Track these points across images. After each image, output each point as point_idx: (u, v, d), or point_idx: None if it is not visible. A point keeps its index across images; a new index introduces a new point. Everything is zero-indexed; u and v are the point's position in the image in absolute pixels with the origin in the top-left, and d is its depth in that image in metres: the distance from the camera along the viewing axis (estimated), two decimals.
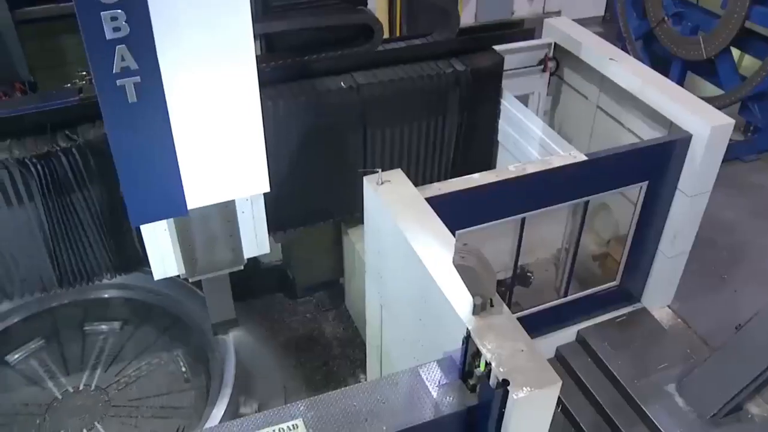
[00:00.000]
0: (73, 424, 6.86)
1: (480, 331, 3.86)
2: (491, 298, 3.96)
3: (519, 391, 3.54)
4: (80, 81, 6.13)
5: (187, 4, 4.18)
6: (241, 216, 5.35)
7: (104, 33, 4.02)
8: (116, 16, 3.99)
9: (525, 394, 3.54)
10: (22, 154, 5.60)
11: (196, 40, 4.30)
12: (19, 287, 6.26)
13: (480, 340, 3.80)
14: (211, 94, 4.49)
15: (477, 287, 3.86)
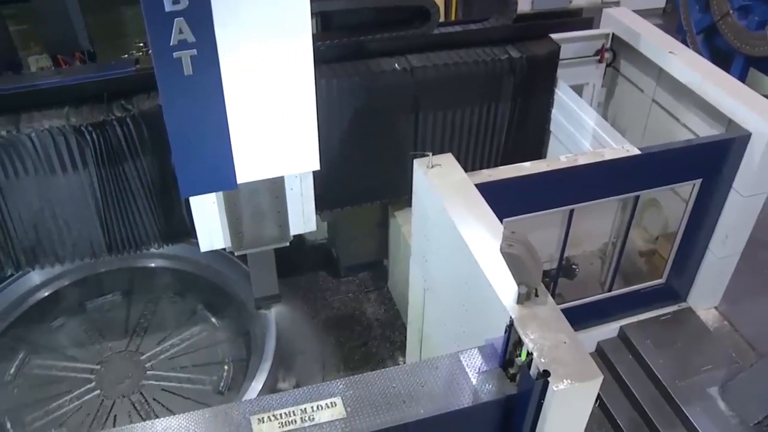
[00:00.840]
0: (116, 387, 7.03)
1: (523, 320, 3.83)
2: (536, 288, 3.93)
3: (559, 383, 3.51)
4: (137, 52, 6.22)
5: None
6: (290, 193, 5.38)
7: (163, 5, 4.05)
8: None
9: (565, 387, 3.51)
10: (78, 122, 5.70)
11: (253, 14, 4.31)
12: (71, 252, 6.39)
13: (523, 329, 3.78)
14: (266, 69, 4.50)
15: (523, 276, 3.83)
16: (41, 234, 6.22)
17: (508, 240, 3.76)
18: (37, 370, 7.32)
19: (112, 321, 7.77)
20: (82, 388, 7.03)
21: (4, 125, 5.66)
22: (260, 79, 4.52)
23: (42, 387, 7.14)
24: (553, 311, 3.91)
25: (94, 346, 7.50)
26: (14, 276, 7.33)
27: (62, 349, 7.51)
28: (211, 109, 4.44)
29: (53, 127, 5.67)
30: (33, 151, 5.73)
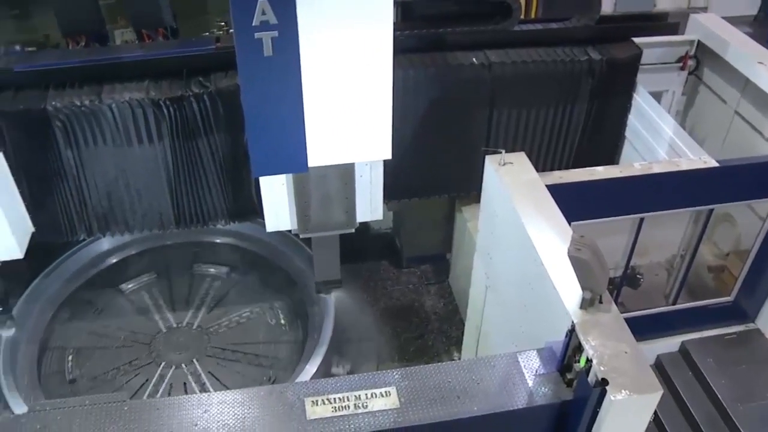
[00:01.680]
0: (174, 357, 7.18)
1: (585, 326, 3.78)
2: (601, 295, 3.88)
3: (617, 393, 3.46)
4: (218, 31, 6.30)
5: None
6: (359, 180, 5.39)
7: None
8: None
9: (623, 397, 3.46)
10: (157, 96, 5.83)
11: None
12: (140, 222, 6.54)
13: (584, 336, 3.73)
14: (345, 55, 4.51)
15: (588, 281, 3.78)
16: (114, 202, 6.39)
17: (576, 244, 3.71)
18: (101, 333, 7.54)
19: (175, 293, 7.93)
20: (141, 355, 7.21)
21: (88, 95, 5.83)
22: (339, 65, 4.53)
23: (104, 351, 7.35)
24: (616, 320, 3.85)
25: (156, 315, 7.67)
26: (86, 241, 7.54)
27: (127, 315, 7.71)
28: (288, 91, 4.47)
29: (133, 100, 5.81)
30: (112, 122, 5.89)
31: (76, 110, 5.79)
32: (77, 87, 5.92)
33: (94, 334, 7.53)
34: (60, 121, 5.83)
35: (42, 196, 6.28)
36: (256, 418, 3.67)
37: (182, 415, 3.70)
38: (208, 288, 7.97)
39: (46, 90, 5.89)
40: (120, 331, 7.51)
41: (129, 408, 3.75)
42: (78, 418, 3.71)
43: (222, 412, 3.69)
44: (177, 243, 8.03)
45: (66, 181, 6.20)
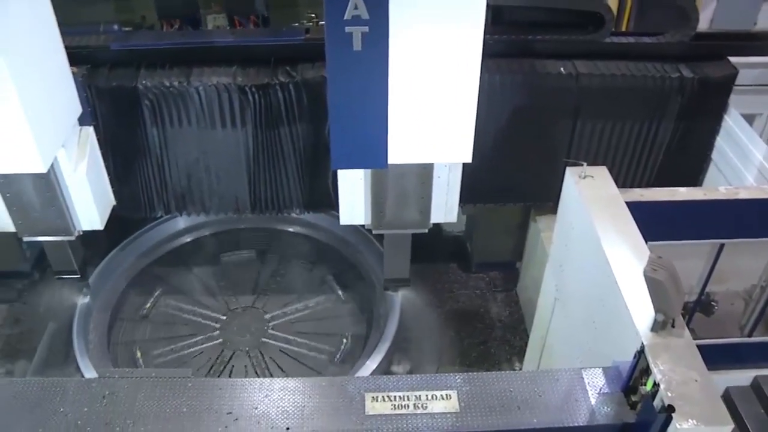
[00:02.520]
0: (238, 338, 7.31)
1: (655, 348, 3.69)
2: (674, 319, 3.78)
3: (684, 422, 3.36)
4: (308, 22, 6.37)
5: None
6: (437, 181, 5.37)
7: None
8: None
9: (690, 427, 3.35)
10: (244, 82, 5.94)
11: None
12: (217, 204, 6.69)
13: (653, 358, 3.65)
14: (434, 55, 4.50)
15: (662, 304, 3.69)
16: (193, 183, 6.54)
17: (653, 264, 3.63)
18: (169, 309, 7.73)
19: (244, 277, 8.07)
20: (206, 335, 7.37)
21: (177, 76, 5.98)
22: (426, 64, 4.52)
23: (170, 326, 7.55)
24: (688, 346, 3.75)
25: (223, 297, 7.82)
26: (162, 218, 7.74)
27: (194, 295, 7.88)
28: (374, 86, 4.48)
29: (220, 84, 5.93)
30: (198, 104, 6.03)
31: (164, 90, 5.96)
32: (168, 68, 6.08)
33: (161, 310, 7.73)
34: (149, 99, 6.00)
35: (125, 171, 6.48)
36: (316, 408, 3.70)
37: (243, 396, 3.76)
38: (277, 275, 8.07)
39: (138, 69, 6.08)
40: (186, 310, 7.68)
41: (192, 384, 3.83)
42: (143, 389, 3.80)
43: (282, 398, 3.73)
44: (250, 228, 8.15)
45: (149, 158, 6.39)
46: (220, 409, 3.71)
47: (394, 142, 4.76)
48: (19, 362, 7.59)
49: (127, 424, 3.66)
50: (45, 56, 5.13)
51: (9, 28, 4.52)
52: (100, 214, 5.96)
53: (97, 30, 6.38)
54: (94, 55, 6.12)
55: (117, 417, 3.68)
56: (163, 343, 7.34)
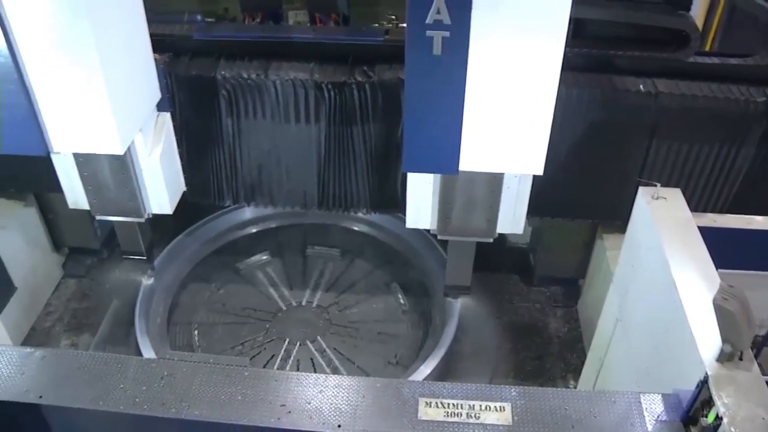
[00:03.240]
0: (297, 333, 7.38)
1: (720, 380, 3.59)
2: (742, 351, 3.68)
3: None
4: (387, 24, 6.38)
5: None
6: (506, 191, 5.32)
7: None
8: None
9: None
10: (320, 79, 5.99)
11: (514, 8, 4.28)
12: (285, 198, 6.76)
13: (717, 390, 3.55)
14: (513, 64, 4.46)
15: (731, 334, 3.59)
16: (263, 175, 6.62)
17: (724, 293, 3.54)
18: (230, 298, 7.86)
19: (307, 272, 8.13)
20: (263, 326, 7.49)
21: (255, 69, 6.06)
22: (505, 73, 4.49)
23: (229, 315, 7.67)
24: (756, 380, 3.63)
25: (283, 290, 7.89)
26: (230, 208, 7.86)
27: (255, 285, 7.99)
28: (451, 92, 4.47)
29: (297, 79, 5.99)
30: (274, 98, 6.10)
31: (242, 82, 6.05)
32: (247, 60, 6.17)
33: (222, 298, 7.87)
34: (226, 90, 6.10)
35: (198, 159, 6.59)
36: (369, 408, 3.71)
37: (298, 390, 3.79)
38: (339, 273, 8.13)
39: (218, 60, 6.18)
40: (249, 300, 7.81)
41: (249, 374, 3.88)
42: (201, 374, 3.87)
43: (336, 395, 3.75)
44: (313, 223, 8.22)
45: (222, 147, 6.49)
46: (274, 401, 3.75)
47: (466, 149, 4.74)
48: (82, 336, 7.82)
49: (182, 406, 3.72)
50: (131, 41, 5.26)
51: (100, 9, 4.64)
52: (170, 198, 6.09)
53: (181, 19, 6.51)
54: (176, 43, 6.24)
55: (173, 398, 3.75)
56: (221, 330, 7.45)
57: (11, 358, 3.98)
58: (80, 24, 4.55)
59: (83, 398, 3.75)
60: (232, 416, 3.69)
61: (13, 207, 7.90)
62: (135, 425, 3.80)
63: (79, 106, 4.97)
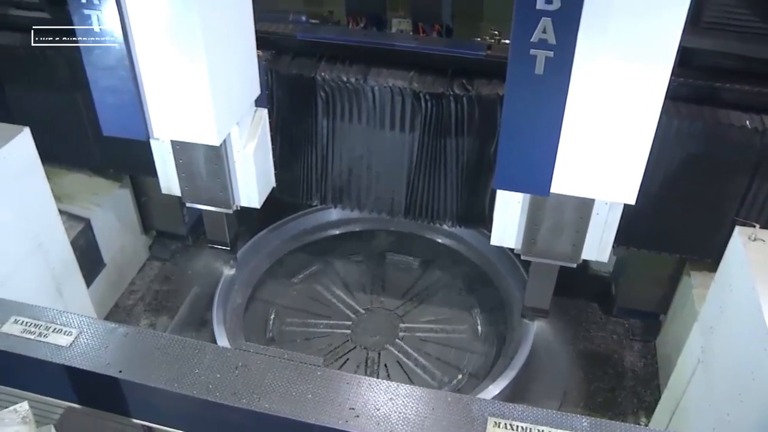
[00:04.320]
0: (370, 339, 7.44)
1: None
2: None
3: None
4: (490, 38, 6.34)
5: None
6: (595, 217, 5.24)
7: (536, 2, 4.07)
8: None
9: None
10: (419, 88, 6.00)
11: (622, 32, 4.20)
12: (372, 203, 6.80)
13: None
14: (616, 89, 4.39)
15: None
16: (353, 178, 6.68)
17: None
18: (307, 296, 7.96)
19: (386, 279, 8.16)
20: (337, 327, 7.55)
21: (355, 73, 6.12)
22: (606, 97, 4.42)
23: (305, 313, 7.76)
24: None
25: (362, 294, 7.94)
26: (316, 208, 7.96)
27: (333, 286, 8.05)
28: (550, 112, 4.41)
29: (395, 86, 6.02)
30: (371, 103, 6.15)
31: (341, 85, 6.11)
32: (347, 64, 6.22)
33: (299, 296, 7.98)
34: (324, 91, 6.18)
35: (290, 156, 6.69)
36: (437, 421, 3.68)
37: (368, 395, 3.79)
38: (415, 283, 8.12)
39: (319, 61, 6.26)
40: (322, 300, 7.89)
41: (321, 374, 3.90)
42: (274, 368, 3.91)
43: (406, 404, 3.73)
44: (398, 231, 8.26)
45: (315, 148, 6.57)
46: (344, 403, 3.76)
47: (559, 171, 4.68)
48: (161, 317, 8.06)
49: (253, 398, 3.77)
50: (237, 36, 5.39)
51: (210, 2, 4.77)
52: (259, 193, 6.21)
53: (286, 18, 6.62)
54: (279, 41, 6.35)
55: (245, 389, 3.80)
56: (296, 327, 7.54)
57: (97, 331, 4.11)
58: (190, 15, 4.69)
59: (159, 378, 3.84)
60: (301, 413, 3.71)
61: (110, 187, 8.20)
62: (205, 410, 3.86)
63: (181, 96, 5.11)
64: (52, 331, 4.11)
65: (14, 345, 4.05)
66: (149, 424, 4.10)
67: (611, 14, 4.16)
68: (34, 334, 4.10)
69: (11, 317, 4.18)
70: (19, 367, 4.10)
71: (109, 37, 4.88)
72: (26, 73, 7.26)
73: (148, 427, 4.12)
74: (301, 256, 8.25)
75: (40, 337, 4.08)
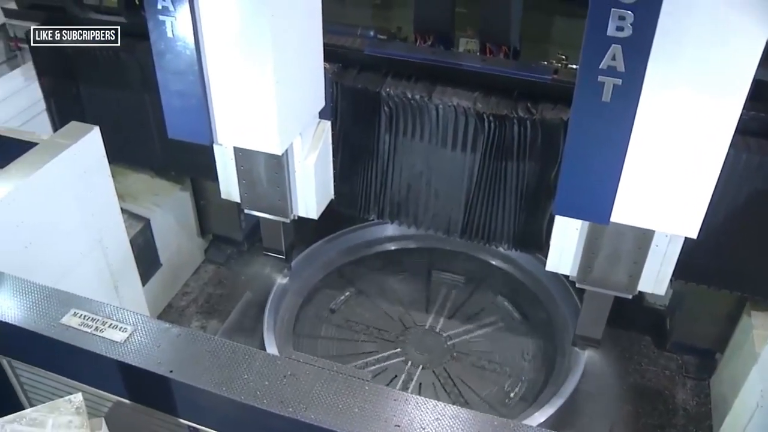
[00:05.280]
0: (418, 356, 7.39)
1: None
2: None
3: None
4: (557, 62, 6.30)
5: (702, 21, 4.01)
6: (654, 249, 5.16)
7: (606, 28, 4.04)
8: (624, 16, 3.98)
9: None
10: (483, 109, 5.98)
11: (695, 60, 4.13)
12: (428, 221, 6.80)
13: None
14: (684, 120, 4.32)
15: None
16: (411, 195, 6.69)
17: None
18: (357, 309, 7.96)
19: (438, 297, 8.11)
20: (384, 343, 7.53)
21: (420, 90, 6.13)
22: (674, 128, 4.35)
23: (354, 325, 7.76)
24: None
25: (412, 311, 7.91)
26: (372, 222, 7.97)
27: (383, 302, 8.04)
28: (614, 141, 4.37)
29: (459, 106, 6.01)
30: (434, 121, 6.15)
31: (405, 101, 6.13)
32: (413, 81, 6.25)
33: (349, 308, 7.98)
34: (388, 107, 6.20)
35: (350, 170, 6.73)
36: None
37: (415, 414, 3.76)
38: (467, 302, 8.06)
39: (385, 77, 6.29)
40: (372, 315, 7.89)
41: (369, 389, 3.89)
42: (322, 379, 3.91)
43: (452, 426, 3.70)
44: (452, 250, 8.23)
45: (375, 162, 6.60)
46: (389, 420, 3.74)
47: (621, 200, 4.63)
48: (212, 321, 8.16)
49: (299, 407, 3.77)
50: (305, 48, 5.46)
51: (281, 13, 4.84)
52: (317, 204, 6.27)
53: (354, 32, 6.68)
54: (347, 55, 6.40)
55: (292, 398, 3.81)
56: (344, 339, 7.55)
57: (151, 329, 4.18)
58: (261, 25, 4.77)
59: (208, 381, 3.88)
60: (346, 426, 3.70)
61: (171, 189, 8.35)
62: (251, 416, 3.88)
63: (247, 103, 5.20)
64: (109, 326, 4.19)
65: (72, 337, 4.14)
66: (195, 425, 4.15)
67: (684, 43, 4.10)
68: (91, 327, 4.19)
69: (71, 309, 4.29)
70: (74, 358, 4.20)
71: (181, 42, 5.01)
72: (100, 73, 7.47)
73: (194, 427, 4.16)
74: (355, 269, 8.27)
75: (97, 332, 4.17)
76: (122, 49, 7.14)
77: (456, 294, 8.15)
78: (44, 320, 4.26)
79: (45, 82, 7.94)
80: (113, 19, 7.20)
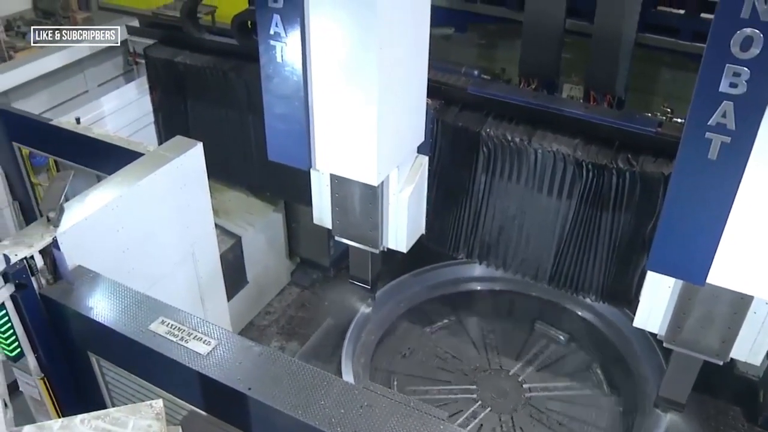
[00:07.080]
0: (495, 401, 7.31)
1: None
2: None
3: None
4: (662, 115, 6.19)
5: None
6: (751, 316, 4.95)
7: (719, 84, 3.95)
8: (740, 73, 3.88)
9: None
10: (582, 157, 5.90)
11: None
12: (517, 265, 6.72)
13: None
14: None
15: None
16: (502, 238, 6.63)
17: None
18: (437, 346, 7.94)
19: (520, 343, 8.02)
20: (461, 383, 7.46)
21: (520, 133, 6.10)
22: None
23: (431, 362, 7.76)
24: None
25: (492, 354, 7.83)
26: (460, 260, 7.93)
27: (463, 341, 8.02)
28: (718, 200, 4.24)
29: (559, 152, 5.95)
30: (532, 165, 6.11)
31: (505, 143, 6.11)
32: (514, 123, 6.23)
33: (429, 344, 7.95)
34: (487, 147, 6.20)
35: (443, 206, 6.74)
36: None
37: None
38: (547, 350, 7.94)
39: (486, 117, 6.30)
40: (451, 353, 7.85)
41: (444, 428, 3.85)
42: (398, 414, 3.90)
43: None
44: (540, 297, 8.10)
45: (469, 201, 6.58)
46: None
47: (719, 262, 4.48)
48: (291, 342, 8.26)
49: None
50: (410, 82, 5.52)
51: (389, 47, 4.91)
52: (408, 237, 6.28)
53: (458, 71, 6.70)
54: (450, 92, 6.44)
55: (366, 429, 3.81)
56: (421, 375, 7.52)
57: (234, 345, 4.27)
58: (369, 57, 4.85)
59: (285, 402, 3.92)
60: None
61: (264, 210, 8.53)
62: None
63: (348, 132, 5.28)
64: (194, 337, 4.30)
65: (158, 344, 4.27)
66: None
67: None
68: (177, 337, 4.31)
69: (160, 317, 4.42)
70: (158, 364, 4.32)
71: (290, 68, 5.15)
72: (208, 93, 7.73)
73: None
74: (438, 305, 8.25)
75: (182, 341, 4.28)
76: (231, 69, 7.36)
77: (553, 349, 8.02)
78: (134, 324, 4.40)
79: (155, 97, 8.28)
80: (226, 41, 7.46)
